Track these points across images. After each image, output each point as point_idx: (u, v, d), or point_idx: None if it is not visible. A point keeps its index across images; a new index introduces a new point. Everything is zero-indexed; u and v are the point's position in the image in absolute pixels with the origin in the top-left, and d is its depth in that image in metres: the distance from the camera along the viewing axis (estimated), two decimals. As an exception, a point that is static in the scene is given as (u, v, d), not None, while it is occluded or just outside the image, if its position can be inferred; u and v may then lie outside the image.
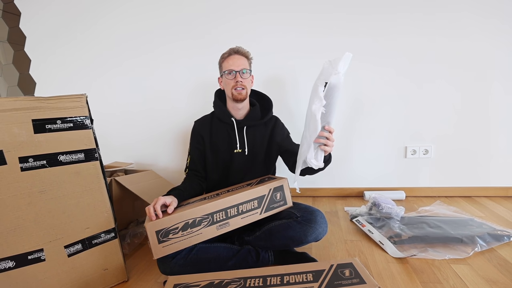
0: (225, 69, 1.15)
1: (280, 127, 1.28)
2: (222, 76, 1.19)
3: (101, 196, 0.98)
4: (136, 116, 1.87)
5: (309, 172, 1.04)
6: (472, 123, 1.61)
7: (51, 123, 0.89)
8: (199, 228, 0.94)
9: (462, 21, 1.52)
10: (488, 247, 1.11)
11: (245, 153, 1.19)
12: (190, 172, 1.24)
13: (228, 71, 1.13)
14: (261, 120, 1.22)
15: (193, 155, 1.24)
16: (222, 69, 1.17)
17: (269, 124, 1.25)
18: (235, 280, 0.78)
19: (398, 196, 1.66)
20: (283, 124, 1.31)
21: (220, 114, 1.21)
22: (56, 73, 1.89)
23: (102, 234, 0.99)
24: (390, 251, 1.12)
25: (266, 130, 1.24)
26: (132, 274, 1.09)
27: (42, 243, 0.88)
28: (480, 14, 1.50)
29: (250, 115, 1.22)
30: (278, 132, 1.25)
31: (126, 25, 1.78)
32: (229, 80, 1.14)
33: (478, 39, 1.53)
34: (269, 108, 1.26)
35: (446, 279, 0.95)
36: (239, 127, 1.19)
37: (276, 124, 1.26)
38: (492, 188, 1.65)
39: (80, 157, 0.94)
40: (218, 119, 1.22)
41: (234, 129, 1.19)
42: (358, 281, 0.73)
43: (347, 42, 1.62)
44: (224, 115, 1.20)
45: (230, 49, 1.17)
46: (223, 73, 1.16)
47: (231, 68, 1.13)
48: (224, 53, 1.17)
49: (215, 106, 1.24)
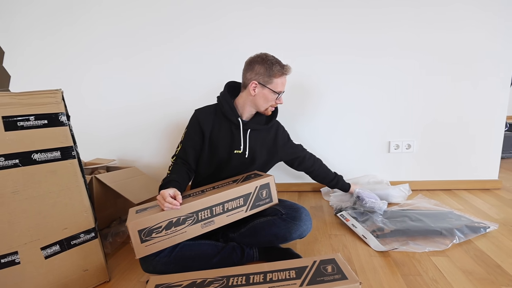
0: (277, 87, 1.11)
1: (282, 131, 1.30)
2: (263, 86, 1.10)
3: (79, 195, 0.95)
4: (119, 111, 1.82)
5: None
6: (453, 118, 1.64)
7: (23, 120, 0.84)
8: (183, 227, 0.93)
9: (448, 14, 1.53)
10: (466, 239, 1.15)
11: (245, 155, 1.17)
12: (179, 160, 1.15)
13: (279, 91, 1.12)
14: (266, 125, 1.20)
15: (186, 146, 1.15)
16: (271, 82, 1.10)
17: (272, 129, 1.25)
18: (218, 279, 0.77)
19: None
20: (283, 128, 1.32)
21: (228, 111, 1.13)
22: (37, 67, 1.81)
23: (82, 234, 0.96)
24: (373, 244, 1.15)
25: (268, 135, 1.23)
26: (114, 274, 1.06)
27: (17, 245, 0.84)
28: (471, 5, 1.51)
29: (256, 118, 1.19)
30: (280, 136, 1.28)
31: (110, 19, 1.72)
32: (272, 97, 1.12)
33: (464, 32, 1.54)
34: (274, 114, 1.22)
35: (426, 271, 0.98)
36: (244, 128, 1.15)
37: (278, 128, 1.28)
38: (471, 181, 1.70)
39: (56, 155, 0.90)
40: (223, 115, 1.15)
41: (239, 129, 1.15)
42: (340, 277, 0.74)
43: (332, 37, 1.61)
44: (231, 112, 1.13)
45: (288, 67, 1.11)
46: (270, 88, 1.10)
47: (282, 90, 1.12)
48: (280, 68, 1.10)
49: (223, 100, 1.15)
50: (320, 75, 1.67)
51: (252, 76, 1.10)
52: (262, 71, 1.09)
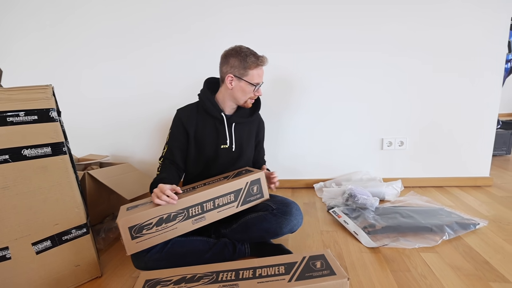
0: (253, 79, 1.09)
1: (263, 126, 1.31)
2: (239, 79, 1.09)
3: (71, 191, 0.94)
4: (112, 106, 1.81)
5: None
6: (445, 115, 1.66)
7: (13, 116, 0.84)
8: (174, 223, 0.93)
9: (445, 11, 1.53)
10: (456, 235, 1.16)
11: (232, 149, 1.16)
12: (166, 161, 1.14)
13: (256, 83, 1.09)
14: (250, 117, 1.20)
15: (172, 146, 1.14)
16: (246, 74, 1.08)
17: (255, 121, 1.25)
18: (208, 274, 0.78)
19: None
20: (264, 123, 1.32)
21: (210, 107, 1.13)
22: (28, 62, 1.79)
23: (73, 230, 0.96)
24: (364, 241, 1.16)
25: (252, 127, 1.24)
26: (106, 270, 1.07)
27: (7, 240, 0.85)
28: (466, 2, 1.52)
29: (240, 112, 1.18)
30: (261, 130, 1.29)
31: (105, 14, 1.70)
32: (250, 89, 1.10)
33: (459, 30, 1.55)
34: (257, 106, 1.22)
35: (415, 267, 0.99)
36: (228, 122, 1.15)
37: (261, 122, 1.29)
38: (463, 179, 1.72)
39: (47, 151, 0.89)
40: (206, 111, 1.14)
41: (223, 124, 1.14)
42: (328, 272, 0.75)
43: (326, 33, 1.61)
44: (214, 108, 1.13)
45: (263, 58, 1.09)
46: (246, 80, 1.08)
47: (260, 82, 1.11)
48: (255, 59, 1.07)
49: (204, 98, 1.15)
50: (311, 71, 1.67)
51: (227, 70, 1.09)
52: (237, 63, 1.07)
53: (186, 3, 1.65)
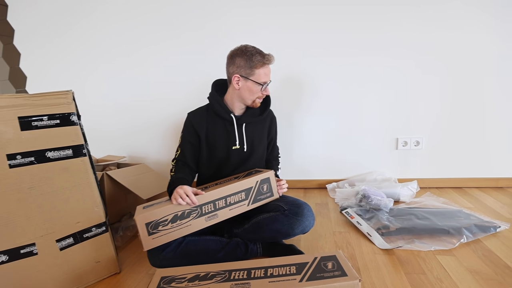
0: (260, 78, 1.08)
1: (275, 123, 1.30)
2: (246, 79, 1.09)
3: (90, 191, 0.99)
4: (129, 109, 1.87)
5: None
6: (464, 115, 1.60)
7: (37, 120, 0.89)
8: (188, 220, 0.96)
9: (455, 12, 1.50)
10: (475, 238, 1.13)
11: (244, 149, 1.17)
12: (179, 162, 1.16)
13: (263, 82, 1.09)
14: (260, 116, 1.20)
15: (184, 149, 1.16)
16: (253, 74, 1.08)
17: (267, 119, 1.25)
18: (220, 273, 0.80)
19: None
20: (276, 120, 1.31)
21: (219, 109, 1.14)
22: (49, 67, 1.88)
23: (93, 228, 1.00)
24: (378, 242, 1.14)
25: (264, 126, 1.24)
26: (124, 266, 1.11)
27: (34, 237, 0.90)
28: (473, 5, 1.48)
29: (250, 111, 1.18)
30: (273, 127, 1.29)
31: (118, 17, 1.76)
32: (257, 89, 1.10)
33: (472, 31, 1.51)
34: (268, 104, 1.22)
35: (430, 270, 0.97)
36: (238, 123, 1.15)
37: (273, 118, 1.29)
38: (483, 179, 1.66)
39: (68, 153, 0.94)
40: (216, 113, 1.15)
41: (233, 125, 1.15)
42: (340, 273, 0.75)
43: (336, 36, 1.60)
44: (223, 110, 1.13)
45: (269, 56, 1.08)
46: (253, 80, 1.08)
47: (267, 80, 1.10)
48: (260, 58, 1.07)
49: (213, 100, 1.16)
50: (327, 74, 1.66)
51: (234, 70, 1.09)
52: (243, 63, 1.07)
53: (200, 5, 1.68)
